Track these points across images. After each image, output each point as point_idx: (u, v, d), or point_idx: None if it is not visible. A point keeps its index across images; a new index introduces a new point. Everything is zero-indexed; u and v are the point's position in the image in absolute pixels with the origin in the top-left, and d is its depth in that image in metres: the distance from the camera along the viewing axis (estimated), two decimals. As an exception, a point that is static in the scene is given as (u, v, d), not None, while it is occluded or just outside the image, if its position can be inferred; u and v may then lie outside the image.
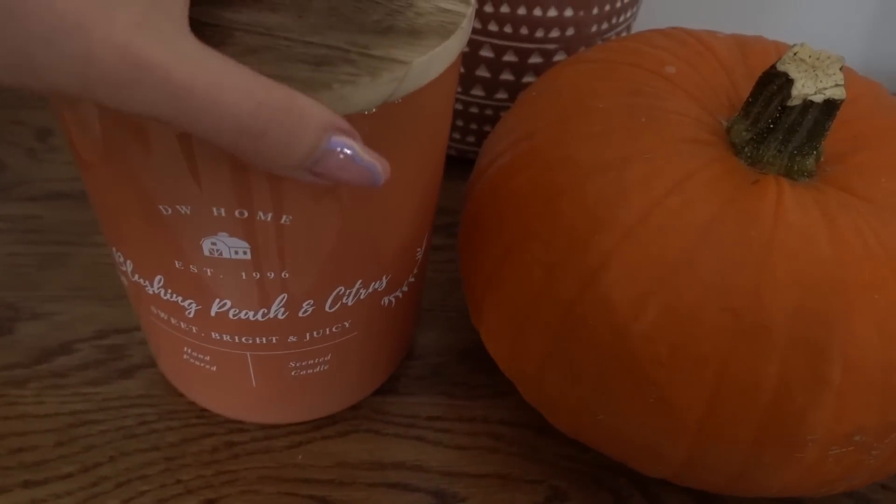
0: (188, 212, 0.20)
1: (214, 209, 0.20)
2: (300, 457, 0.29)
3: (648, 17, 0.44)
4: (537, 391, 0.27)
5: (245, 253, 0.21)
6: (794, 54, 0.24)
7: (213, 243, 0.21)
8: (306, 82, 0.17)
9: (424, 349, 0.34)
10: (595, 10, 0.36)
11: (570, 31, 0.36)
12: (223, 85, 0.15)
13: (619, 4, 0.37)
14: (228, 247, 0.21)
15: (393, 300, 0.27)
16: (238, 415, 0.30)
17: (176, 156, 0.18)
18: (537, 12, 0.35)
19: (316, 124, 0.17)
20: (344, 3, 0.21)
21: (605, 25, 0.37)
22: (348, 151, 0.17)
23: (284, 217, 0.20)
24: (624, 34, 0.40)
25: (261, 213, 0.20)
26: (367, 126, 0.19)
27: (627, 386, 0.23)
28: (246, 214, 0.20)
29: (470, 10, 0.22)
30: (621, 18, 0.38)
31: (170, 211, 0.20)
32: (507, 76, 0.37)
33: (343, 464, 0.29)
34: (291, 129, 0.16)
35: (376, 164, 0.18)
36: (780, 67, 0.24)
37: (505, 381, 0.30)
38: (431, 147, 0.23)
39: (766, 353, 0.21)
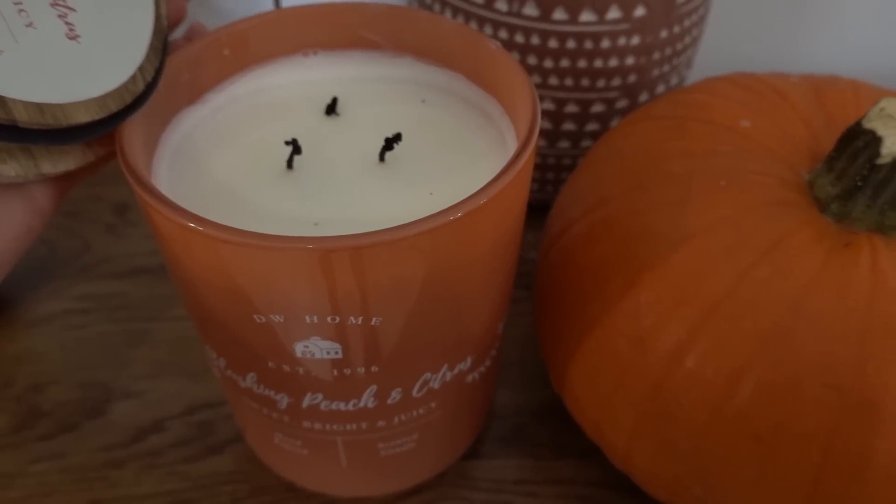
0: (281, 320, 0.20)
1: (307, 317, 0.20)
2: (389, 529, 0.30)
3: (706, 52, 0.43)
4: (627, 463, 0.26)
5: (337, 353, 0.21)
6: (882, 110, 0.23)
7: (306, 346, 0.21)
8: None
9: (504, 409, 0.34)
10: (656, 56, 0.35)
11: (631, 78, 0.35)
12: None
13: (679, 46, 0.36)
14: (321, 349, 0.21)
15: (477, 375, 0.27)
16: (328, 490, 0.30)
17: (271, 272, 0.19)
18: (598, 63, 0.34)
19: None
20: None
21: (666, 68, 0.36)
22: None
23: (374, 319, 0.20)
24: (685, 72, 0.39)
25: (352, 318, 0.20)
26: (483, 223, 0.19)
27: (726, 463, 0.23)
28: (338, 320, 0.20)
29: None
30: (682, 58, 0.37)
31: (263, 319, 0.21)
32: (568, 126, 0.37)
33: (433, 534, 0.30)
34: None
35: None
36: (867, 125, 0.23)
37: (590, 440, 0.29)
38: (510, 233, 0.23)
39: (875, 429, 0.21)
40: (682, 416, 0.23)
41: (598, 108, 0.36)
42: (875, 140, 0.23)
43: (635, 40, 0.34)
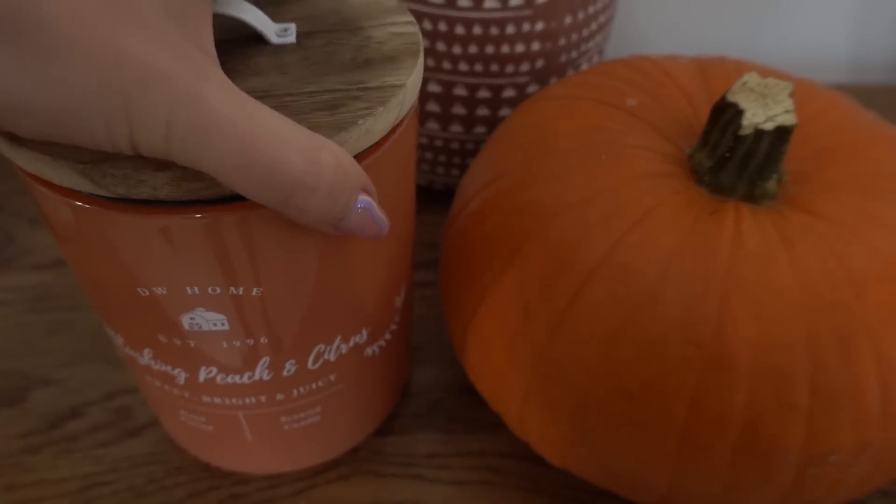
0: (164, 292, 0.21)
1: (188, 288, 0.21)
2: (303, 502, 0.30)
3: (624, 36, 0.45)
4: (522, 427, 0.28)
5: (223, 324, 0.22)
6: (744, 84, 0.25)
7: (192, 318, 0.22)
8: (333, 125, 0.19)
9: (420, 387, 0.35)
10: (562, 41, 0.36)
11: (539, 63, 0.37)
12: (282, 140, 0.16)
13: (585, 32, 0.37)
14: (207, 320, 0.22)
15: (377, 349, 0.27)
16: (240, 468, 0.31)
17: (146, 243, 0.20)
18: (505, 49, 0.35)
19: (354, 182, 0.18)
20: (313, 52, 0.22)
21: (574, 54, 0.38)
22: (369, 208, 0.19)
23: (255, 290, 0.21)
24: (596, 58, 0.41)
25: (232, 289, 0.21)
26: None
27: (604, 422, 0.24)
28: (219, 290, 0.21)
29: (417, 27, 0.23)
30: (591, 44, 0.39)
31: (147, 293, 0.21)
32: (483, 111, 0.38)
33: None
34: (338, 186, 0.17)
35: (386, 219, 0.20)
36: (730, 98, 0.24)
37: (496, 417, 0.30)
38: (399, 197, 0.24)
39: (733, 384, 0.22)
40: (564, 379, 0.24)
41: (509, 93, 0.37)
42: (738, 113, 0.24)
43: (539, 26, 0.35)
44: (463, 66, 0.36)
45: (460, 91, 0.37)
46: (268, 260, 0.21)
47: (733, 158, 0.25)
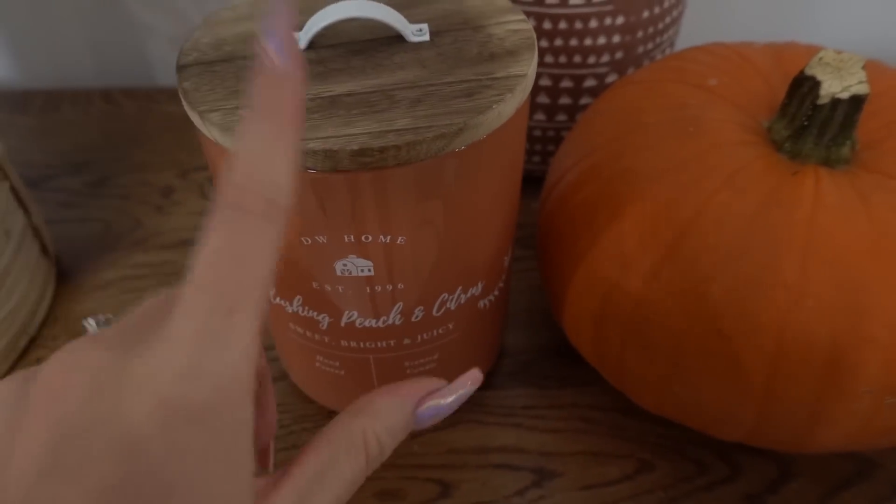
0: (325, 240, 0.25)
1: (346, 236, 0.25)
2: (416, 446, 0.34)
3: (691, 31, 0.48)
4: (619, 374, 0.31)
5: (370, 270, 0.26)
6: (820, 59, 0.27)
7: (345, 265, 0.26)
8: (472, 110, 0.23)
9: (513, 349, 0.38)
10: (640, 34, 0.40)
11: (619, 55, 0.40)
12: None
13: (661, 26, 0.41)
14: (357, 266, 0.26)
15: (487, 303, 0.31)
16: (361, 413, 0.34)
17: (318, 198, 0.24)
18: (588, 42, 0.39)
19: (408, 408, 0.20)
20: (445, 49, 0.26)
21: (650, 45, 0.41)
22: (435, 410, 0.21)
23: (400, 238, 0.25)
24: (668, 51, 0.44)
25: (381, 237, 0.25)
26: (478, 153, 0.24)
27: (698, 359, 0.27)
28: (370, 238, 0.25)
29: (529, 24, 0.27)
30: (665, 37, 0.42)
31: (309, 241, 0.25)
32: (565, 100, 0.42)
33: (453, 450, 0.34)
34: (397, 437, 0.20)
35: (464, 390, 0.22)
36: (808, 72, 0.27)
37: (590, 372, 0.34)
38: (512, 169, 0.28)
39: (817, 319, 0.25)
40: (661, 323, 0.27)
41: (590, 83, 0.41)
42: (816, 85, 0.27)
43: (620, 20, 0.38)
44: (549, 59, 0.40)
45: (545, 82, 0.41)
46: (410, 216, 0.24)
47: (811, 127, 0.28)
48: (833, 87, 0.27)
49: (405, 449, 0.34)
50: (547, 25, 0.38)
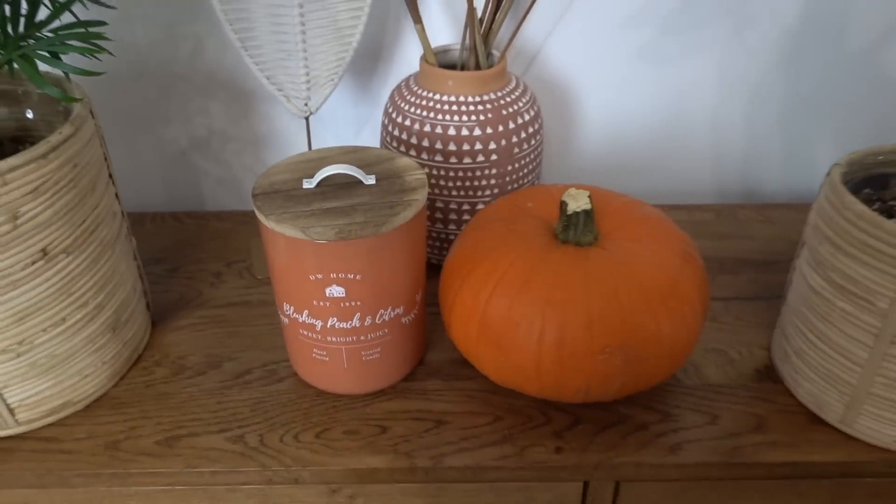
0: (321, 277, 0.51)
1: (332, 274, 0.51)
2: (367, 410, 0.59)
3: (548, 172, 0.77)
4: (481, 364, 0.56)
5: (343, 293, 0.52)
6: (568, 193, 0.55)
7: (330, 290, 0.52)
8: (392, 214, 0.50)
9: (429, 360, 0.64)
10: (508, 178, 0.68)
11: (495, 191, 0.68)
12: None
13: (522, 173, 0.69)
14: (336, 291, 0.52)
15: (408, 320, 0.57)
16: (338, 390, 0.59)
17: (318, 255, 0.50)
18: (474, 183, 0.67)
19: None
20: (381, 187, 0.53)
21: (517, 185, 0.69)
22: None
23: (358, 276, 0.52)
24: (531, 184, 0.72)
25: (348, 275, 0.51)
26: (396, 234, 0.51)
27: (505, 353, 0.53)
28: (343, 276, 0.51)
29: (425, 174, 0.54)
30: (527, 181, 0.70)
31: (313, 277, 0.52)
32: (453, 216, 0.70)
33: (389, 411, 0.59)
34: None
35: None
36: (564, 199, 0.55)
37: (472, 368, 0.59)
38: (417, 244, 0.55)
39: (557, 321, 0.51)
40: (489, 331, 0.53)
41: (477, 206, 0.69)
42: (566, 205, 0.55)
43: (493, 171, 0.67)
44: (446, 191, 0.68)
45: (440, 205, 0.69)
46: (362, 263, 0.51)
47: (569, 226, 0.55)
48: (573, 206, 0.55)
49: (361, 411, 0.58)
50: (450, 173, 0.67)
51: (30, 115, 0.61)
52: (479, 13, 0.68)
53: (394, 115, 0.69)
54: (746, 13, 0.76)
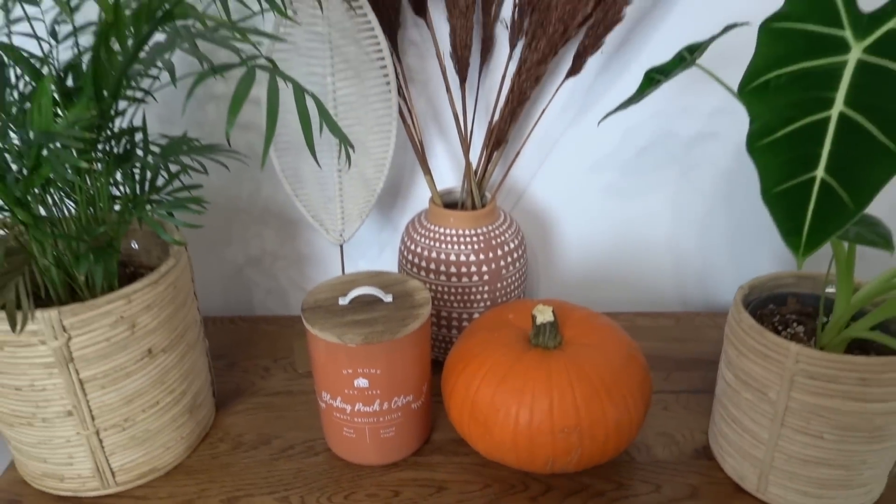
0: (351, 371, 0.69)
1: (359, 369, 0.69)
2: (384, 478, 0.75)
3: (533, 287, 0.95)
4: (473, 441, 0.73)
5: (367, 384, 0.70)
6: (537, 307, 0.73)
7: (357, 381, 0.70)
8: (403, 325, 0.68)
9: (434, 439, 0.80)
10: (498, 293, 0.87)
11: (486, 303, 0.87)
12: None
13: (511, 289, 0.88)
14: (361, 382, 0.70)
15: (416, 406, 0.74)
16: (362, 461, 0.76)
17: (350, 355, 0.68)
18: (466, 297, 0.86)
19: None
20: (397, 304, 0.72)
21: (503, 299, 0.88)
22: None
23: (378, 370, 0.69)
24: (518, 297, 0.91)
25: (370, 370, 0.69)
26: (406, 340, 0.69)
27: (474, 429, 0.69)
28: (366, 370, 0.69)
29: (429, 293, 0.73)
30: (513, 295, 0.89)
31: (345, 372, 0.70)
32: (455, 322, 0.87)
33: (401, 479, 0.75)
34: None
35: None
36: (533, 313, 0.73)
37: (468, 446, 0.75)
38: (422, 347, 0.73)
39: (535, 409, 0.68)
40: (476, 413, 0.70)
41: (474, 315, 0.87)
42: (534, 318, 0.73)
43: (486, 288, 0.86)
44: (450, 304, 0.86)
45: (444, 314, 0.87)
46: (381, 361, 0.69)
47: (538, 333, 0.73)
48: (540, 319, 0.72)
49: (380, 479, 0.75)
50: (451, 290, 0.85)
51: (134, 245, 0.82)
52: (475, 164, 0.89)
53: (408, 244, 0.89)
54: (689, 161, 0.96)
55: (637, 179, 0.98)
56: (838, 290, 0.68)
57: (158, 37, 0.58)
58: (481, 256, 0.85)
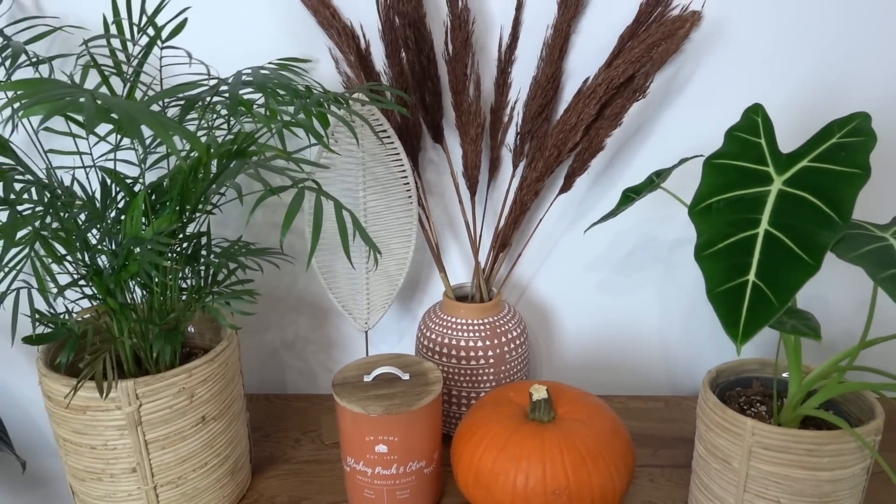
0: (373, 438, 0.81)
1: (379, 436, 0.81)
2: (400, 537, 0.85)
3: (535, 367, 1.07)
4: (477, 502, 0.83)
5: (385, 449, 0.82)
6: (533, 386, 0.86)
7: (377, 447, 0.82)
8: (417, 400, 0.81)
9: (445, 501, 0.91)
10: (503, 367, 0.99)
11: (491, 382, 0.99)
12: None
13: (513, 364, 1.00)
14: (381, 447, 0.82)
15: (427, 472, 0.86)
16: (379, 521, 0.87)
17: (372, 425, 0.81)
18: (472, 375, 0.98)
19: None
20: (413, 381, 0.85)
21: (509, 377, 1.00)
22: None
23: (395, 438, 0.81)
24: (521, 378, 1.03)
25: (388, 437, 0.81)
26: (420, 413, 0.81)
27: (478, 492, 0.80)
28: (384, 437, 0.81)
29: (440, 372, 0.86)
30: (517, 374, 1.01)
31: (368, 439, 0.82)
32: (464, 400, 0.99)
33: (415, 538, 0.85)
34: None
35: None
36: (530, 390, 0.85)
37: (469, 505, 0.86)
38: (433, 419, 0.85)
39: (530, 474, 0.79)
40: (480, 478, 0.81)
41: (481, 394, 0.99)
42: (530, 395, 0.85)
43: (491, 370, 0.98)
44: (459, 384, 0.99)
45: (455, 392, 0.99)
46: (398, 429, 0.81)
47: (535, 409, 0.85)
48: (536, 396, 0.84)
49: (395, 537, 0.85)
50: (461, 371, 0.98)
51: (191, 329, 0.96)
52: (484, 263, 1.03)
53: (424, 331, 1.02)
54: (671, 262, 1.10)
55: (626, 277, 1.11)
56: (790, 374, 0.79)
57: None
58: (487, 343, 0.98)
